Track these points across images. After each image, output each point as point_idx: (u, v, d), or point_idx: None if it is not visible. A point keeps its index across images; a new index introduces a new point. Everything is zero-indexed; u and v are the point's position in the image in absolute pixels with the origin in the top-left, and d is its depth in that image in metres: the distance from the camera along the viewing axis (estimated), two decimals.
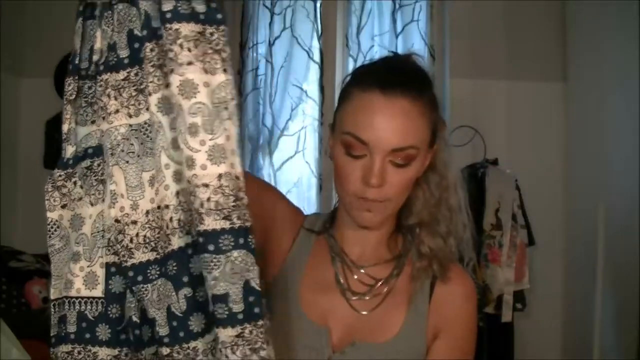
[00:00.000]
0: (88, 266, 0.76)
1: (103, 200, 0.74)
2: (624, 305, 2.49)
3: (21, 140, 3.49)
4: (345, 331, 0.95)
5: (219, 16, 0.67)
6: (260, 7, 3.30)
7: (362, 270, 0.98)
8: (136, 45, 0.71)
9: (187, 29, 0.65)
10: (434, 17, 3.25)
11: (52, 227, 0.80)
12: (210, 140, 0.65)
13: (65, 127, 0.78)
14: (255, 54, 3.28)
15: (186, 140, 0.65)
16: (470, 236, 1.01)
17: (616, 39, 2.68)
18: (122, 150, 0.72)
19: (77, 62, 0.78)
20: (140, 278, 0.71)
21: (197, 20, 0.66)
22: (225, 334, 0.65)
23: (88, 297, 0.77)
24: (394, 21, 3.28)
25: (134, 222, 0.71)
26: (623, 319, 2.50)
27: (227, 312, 0.65)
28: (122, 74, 0.71)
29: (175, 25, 0.65)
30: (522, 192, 2.85)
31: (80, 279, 0.77)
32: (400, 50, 3.22)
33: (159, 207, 0.71)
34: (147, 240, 0.71)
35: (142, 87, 0.71)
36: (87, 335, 0.77)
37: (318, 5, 3.29)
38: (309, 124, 3.32)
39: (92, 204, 0.76)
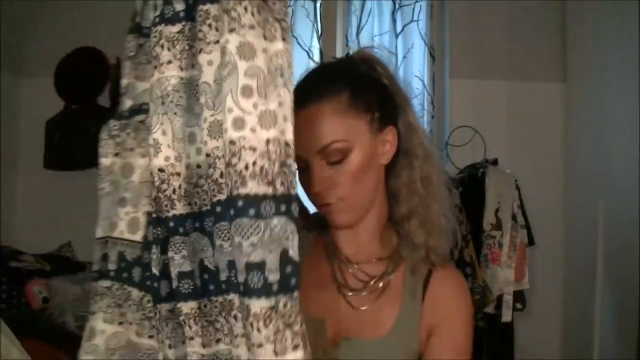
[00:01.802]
0: (133, 212, 0.78)
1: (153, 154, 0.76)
2: (624, 305, 2.49)
3: (21, 140, 3.50)
4: (340, 326, 0.97)
5: None
6: None
7: (357, 267, 1.00)
8: (191, 0, 0.71)
9: None
10: (434, 17, 3.24)
11: (103, 172, 0.81)
12: (262, 104, 0.65)
13: (124, 82, 0.79)
14: None
15: (238, 100, 0.64)
16: (447, 211, 1.01)
17: (616, 39, 2.68)
18: (172, 102, 0.72)
19: (138, 20, 0.80)
20: (181, 230, 0.72)
21: None
22: (259, 305, 0.62)
23: (129, 240, 0.79)
24: (394, 21, 3.28)
25: (178, 174, 0.72)
26: (623, 319, 2.50)
27: (262, 282, 0.62)
28: (177, 27, 0.72)
29: None
30: (522, 192, 2.85)
31: (125, 223, 0.79)
32: (400, 50, 3.24)
33: (198, 165, 0.71)
34: (186, 194, 0.72)
35: (193, 43, 0.71)
36: (125, 275, 0.79)
37: (318, 5, 3.29)
38: None
39: (142, 156, 0.79)
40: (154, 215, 0.74)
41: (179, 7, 0.72)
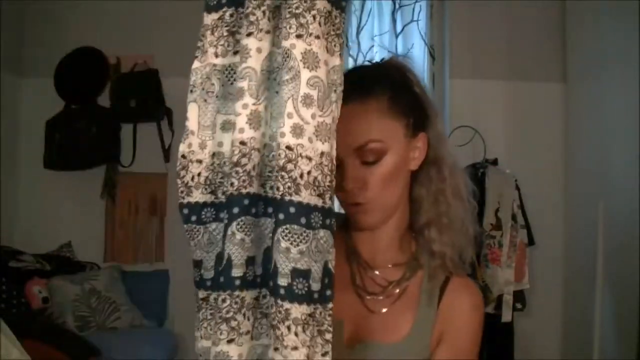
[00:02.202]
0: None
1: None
2: (624, 305, 2.49)
3: (21, 140, 3.50)
4: (356, 328, 0.97)
5: (343, 3, 0.69)
6: None
7: (376, 272, 1.00)
8: None
9: (321, 4, 0.67)
10: (434, 17, 3.25)
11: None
12: (320, 116, 0.66)
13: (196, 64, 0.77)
14: None
15: (298, 108, 0.65)
16: (468, 227, 1.01)
17: (616, 39, 2.68)
18: (203, 89, 0.72)
19: None
20: (193, 218, 0.72)
21: None
22: (300, 311, 0.64)
23: None
24: (394, 21, 3.28)
25: (199, 161, 0.72)
26: (623, 319, 2.50)
27: (306, 289, 0.64)
28: (218, 14, 0.72)
29: None
30: (522, 192, 2.85)
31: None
32: (400, 50, 3.24)
33: (232, 153, 0.70)
34: (208, 182, 0.72)
35: (234, 29, 0.71)
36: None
37: None
38: None
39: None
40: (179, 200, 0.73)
41: None
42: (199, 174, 0.72)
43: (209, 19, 0.72)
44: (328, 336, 0.66)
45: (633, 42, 2.44)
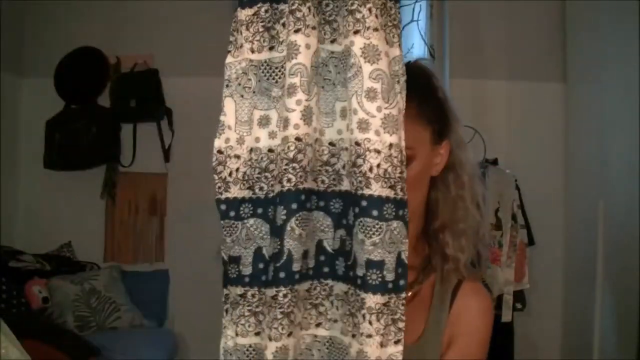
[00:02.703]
0: None
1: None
2: (624, 305, 2.49)
3: (21, 140, 3.50)
4: None
5: None
6: None
7: None
8: None
9: None
10: (434, 17, 3.24)
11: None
12: (385, 108, 0.67)
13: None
14: None
15: (362, 103, 0.66)
16: (485, 233, 1.03)
17: (616, 39, 2.68)
18: (239, 84, 0.72)
19: None
20: (232, 214, 0.72)
21: None
22: (375, 300, 0.67)
23: None
24: None
25: (237, 157, 0.72)
26: (623, 319, 2.50)
27: (380, 279, 0.67)
28: (253, 9, 0.72)
29: None
30: (522, 192, 2.85)
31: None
32: None
33: (270, 150, 0.71)
34: (246, 178, 0.72)
35: (269, 24, 0.72)
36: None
37: None
38: None
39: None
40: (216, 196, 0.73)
41: None
42: (237, 170, 0.72)
43: (243, 14, 0.72)
44: (401, 325, 0.69)
45: (633, 42, 2.44)
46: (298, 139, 0.68)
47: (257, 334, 0.71)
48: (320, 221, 0.71)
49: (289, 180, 0.68)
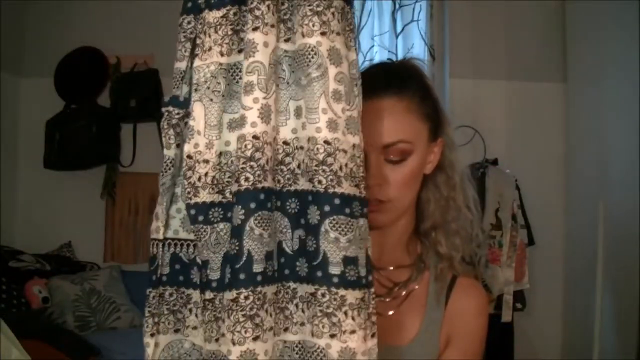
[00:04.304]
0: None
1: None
2: (624, 305, 2.49)
3: (21, 140, 3.50)
4: None
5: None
6: None
7: (381, 272, 0.99)
8: None
9: (337, 2, 0.70)
10: (434, 17, 3.24)
11: (167, 165, 0.77)
12: (347, 110, 0.69)
13: (182, 65, 0.76)
14: None
15: (330, 103, 0.68)
16: (478, 233, 1.03)
17: (616, 39, 2.68)
18: (208, 88, 0.72)
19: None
20: (200, 218, 0.71)
21: None
22: (355, 296, 0.68)
23: (184, 239, 0.76)
24: (394, 21, 3.28)
25: (206, 161, 0.71)
26: (623, 319, 2.50)
27: (356, 275, 0.68)
28: (221, 12, 0.72)
29: None
30: (522, 192, 2.85)
31: (177, 220, 0.77)
32: (400, 50, 3.24)
33: (238, 151, 0.69)
34: (215, 182, 0.72)
35: (238, 27, 0.71)
36: (181, 278, 0.76)
37: None
38: None
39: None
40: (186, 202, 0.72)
41: None
42: (206, 174, 0.71)
43: (211, 16, 0.71)
44: (374, 318, 0.69)
45: (633, 43, 2.44)
46: (255, 137, 0.68)
47: (217, 340, 0.69)
48: (279, 222, 0.71)
49: (246, 179, 0.68)
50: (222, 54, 0.71)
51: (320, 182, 0.68)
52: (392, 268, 0.99)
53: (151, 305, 0.76)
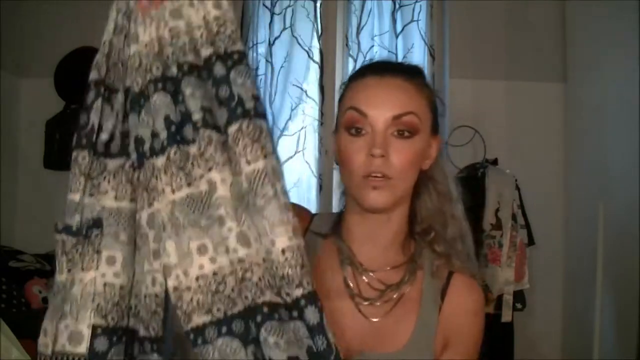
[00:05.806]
0: (73, 324, 0.79)
1: (97, 268, 0.79)
2: (624, 306, 2.49)
3: (21, 140, 3.50)
4: (353, 339, 0.92)
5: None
6: (260, 7, 3.30)
7: (372, 274, 0.97)
8: (173, 127, 0.77)
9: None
10: (434, 17, 3.24)
11: (58, 289, 0.81)
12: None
13: (76, 197, 0.80)
14: (255, 54, 3.28)
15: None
16: (471, 244, 1.04)
17: (616, 39, 2.68)
18: (172, 224, 0.76)
19: (91, 136, 0.84)
20: (200, 340, 0.75)
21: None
22: None
23: (70, 353, 0.79)
24: (394, 21, 3.28)
25: (188, 288, 0.75)
26: (623, 319, 2.50)
27: None
28: (164, 157, 0.76)
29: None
30: (522, 192, 2.85)
31: (65, 336, 0.79)
32: (400, 50, 3.24)
33: (215, 273, 0.75)
34: (200, 304, 0.75)
35: (181, 165, 0.76)
36: None
37: (318, 5, 3.29)
38: (308, 124, 3.31)
39: (86, 270, 0.80)
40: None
41: (163, 135, 0.76)
42: (191, 300, 0.75)
43: (159, 162, 0.76)
44: None
45: (633, 42, 2.44)
46: (241, 260, 0.74)
47: None
48: (227, 345, 0.74)
49: (246, 298, 0.74)
50: (173, 192, 0.76)
51: (246, 297, 0.73)
52: (389, 268, 0.98)
53: None
